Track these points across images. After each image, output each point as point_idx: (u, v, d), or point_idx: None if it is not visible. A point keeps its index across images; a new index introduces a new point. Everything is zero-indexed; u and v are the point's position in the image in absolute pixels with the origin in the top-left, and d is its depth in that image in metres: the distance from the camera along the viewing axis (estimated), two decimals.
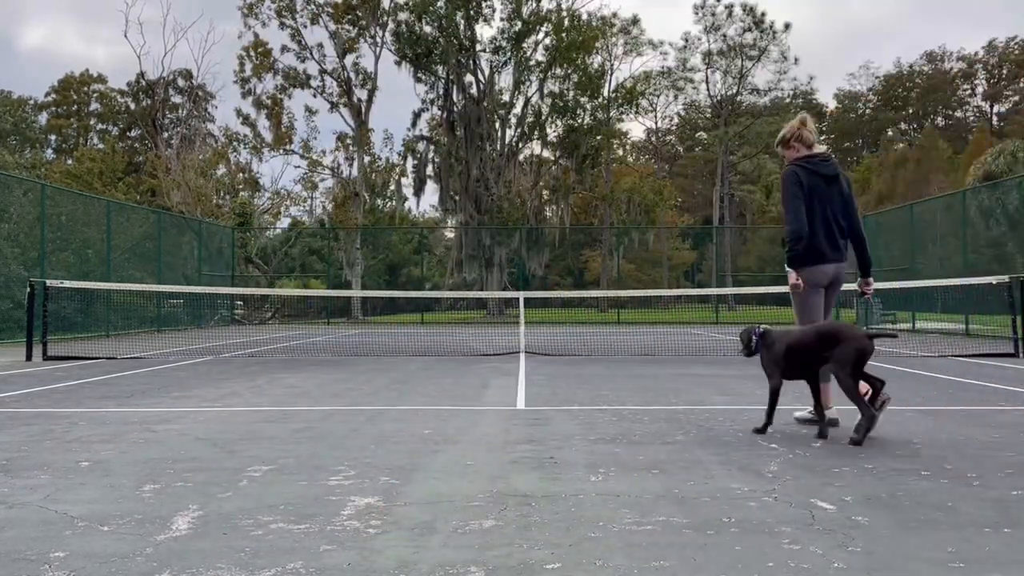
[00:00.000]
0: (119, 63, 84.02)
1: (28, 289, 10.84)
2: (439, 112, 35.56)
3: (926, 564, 2.42)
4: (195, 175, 32.47)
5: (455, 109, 34.38)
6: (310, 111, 37.60)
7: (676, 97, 55.93)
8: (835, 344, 4.39)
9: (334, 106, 36.32)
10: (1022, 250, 17.09)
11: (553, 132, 36.31)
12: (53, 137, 53.54)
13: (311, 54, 35.92)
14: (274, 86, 36.60)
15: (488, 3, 34.12)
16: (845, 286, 5.28)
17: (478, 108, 33.95)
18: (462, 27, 33.75)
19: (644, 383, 7.58)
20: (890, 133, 66.34)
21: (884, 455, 4.07)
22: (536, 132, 35.81)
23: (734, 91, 51.32)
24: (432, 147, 35.89)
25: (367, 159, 37.00)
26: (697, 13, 49.65)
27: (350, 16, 35.37)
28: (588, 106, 35.54)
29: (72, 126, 54.67)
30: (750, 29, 48.89)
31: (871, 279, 5.24)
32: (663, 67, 51.36)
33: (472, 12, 33.67)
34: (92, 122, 54.99)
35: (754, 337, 4.83)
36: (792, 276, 4.96)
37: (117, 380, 8.10)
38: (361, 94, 35.93)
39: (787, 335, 4.68)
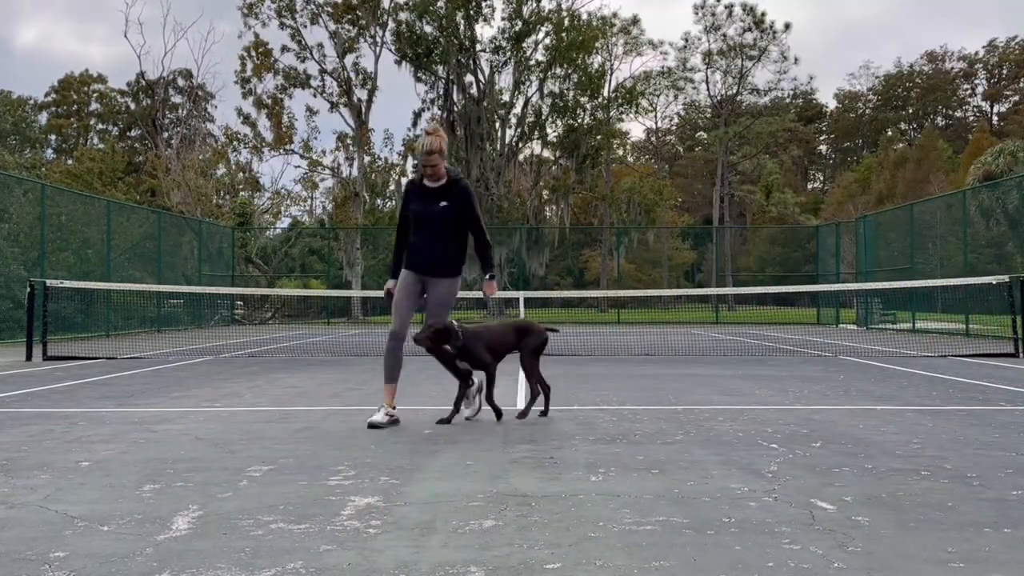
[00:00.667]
0: (116, 62, 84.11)
1: (28, 289, 10.83)
2: (439, 112, 35.55)
3: (926, 564, 2.42)
4: (195, 175, 32.48)
5: (455, 109, 34.38)
6: (310, 111, 37.63)
7: (676, 97, 56.06)
8: (528, 335, 5.31)
9: (334, 106, 36.34)
10: (1022, 250, 17.10)
11: (553, 132, 36.33)
12: (53, 137, 53.56)
13: (311, 54, 35.95)
14: (274, 86, 36.63)
15: (488, 3, 34.13)
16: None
17: (478, 108, 33.95)
18: (462, 27, 33.74)
19: (644, 383, 7.58)
20: (890, 133, 66.34)
21: (884, 455, 4.07)
22: (536, 132, 35.80)
23: (734, 91, 51.40)
24: None
25: (367, 159, 37.01)
26: (697, 13, 49.75)
27: (350, 16, 35.38)
28: (588, 106, 35.54)
29: (72, 126, 54.70)
30: (750, 29, 48.96)
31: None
32: (663, 67, 51.46)
33: (472, 12, 33.67)
34: (92, 122, 55.01)
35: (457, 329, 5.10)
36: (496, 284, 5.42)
37: (117, 380, 8.10)
38: (361, 94, 35.97)
39: (489, 330, 5.37)
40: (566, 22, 34.38)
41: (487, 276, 5.33)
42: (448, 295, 5.25)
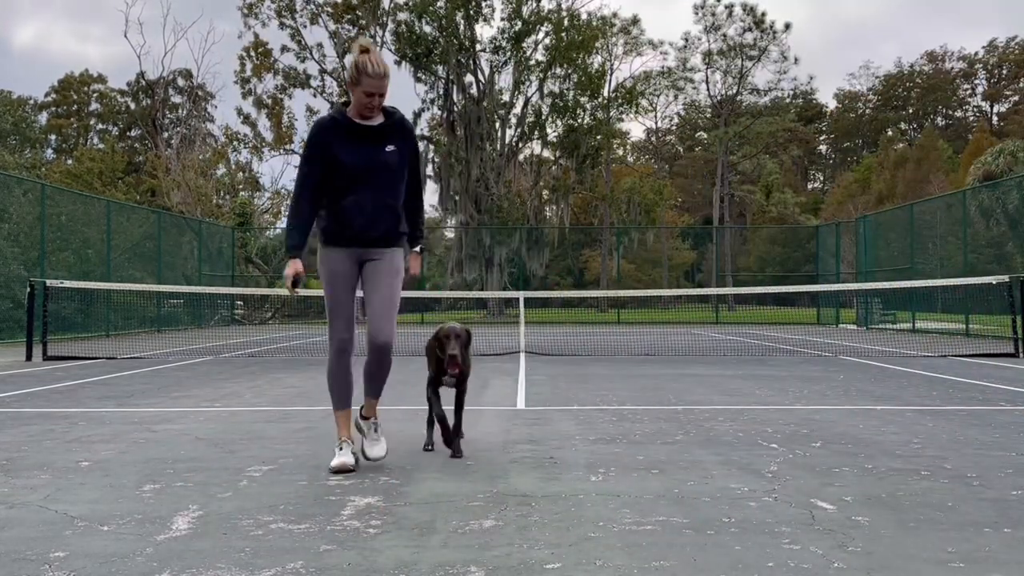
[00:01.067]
0: (115, 62, 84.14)
1: (28, 289, 10.83)
2: (439, 112, 35.59)
3: (926, 564, 2.42)
4: (195, 175, 32.49)
5: (455, 109, 34.39)
6: (310, 111, 37.63)
7: (676, 97, 56.09)
8: None
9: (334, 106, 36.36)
10: (1022, 250, 17.11)
11: (553, 132, 36.35)
12: (53, 137, 53.59)
13: (311, 54, 35.98)
14: (274, 86, 36.65)
15: (488, 3, 34.14)
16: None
17: (478, 108, 33.96)
18: (462, 27, 33.76)
19: (644, 383, 7.58)
20: (890, 133, 66.36)
21: (884, 455, 4.07)
22: (536, 132, 35.82)
23: (734, 91, 51.41)
24: (432, 147, 35.91)
25: None
26: (697, 13, 49.77)
27: (350, 16, 35.41)
28: (588, 106, 35.56)
29: (72, 126, 54.73)
30: (750, 29, 48.99)
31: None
32: (663, 67, 51.46)
33: (472, 12, 33.68)
34: (92, 122, 55.05)
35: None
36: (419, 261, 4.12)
37: (117, 380, 8.10)
38: None
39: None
40: (566, 22, 34.39)
41: (417, 248, 4.07)
42: (398, 270, 3.94)
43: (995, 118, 66.03)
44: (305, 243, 3.83)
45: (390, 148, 3.82)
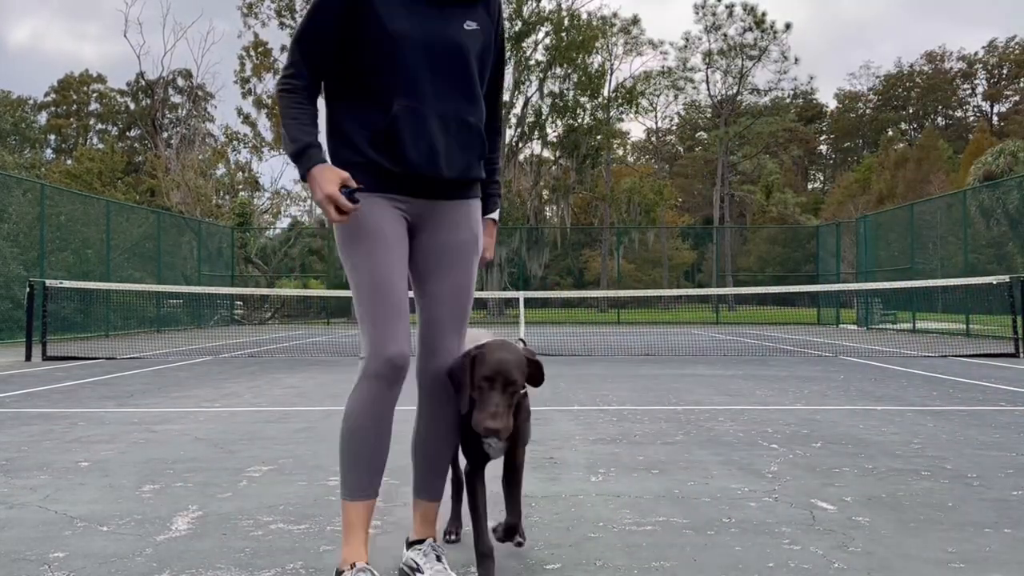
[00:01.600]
0: (112, 61, 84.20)
1: (28, 289, 10.83)
2: None
3: (926, 564, 2.42)
4: (195, 175, 32.50)
5: None
6: None
7: (676, 97, 56.13)
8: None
9: None
10: (1022, 250, 17.11)
11: (553, 132, 36.37)
12: (53, 137, 53.61)
13: None
14: (274, 86, 36.72)
15: None
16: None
17: None
18: None
19: (644, 383, 7.58)
20: (890, 133, 66.36)
21: (884, 455, 4.07)
22: (536, 132, 35.84)
23: (734, 91, 51.45)
24: None
25: None
26: (697, 13, 49.82)
27: None
28: (588, 106, 35.59)
29: (72, 126, 54.75)
30: (750, 29, 49.04)
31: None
32: (663, 67, 51.52)
33: None
34: (92, 122, 55.07)
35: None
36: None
37: (117, 380, 8.10)
38: None
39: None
40: (566, 22, 34.42)
41: (493, 215, 2.46)
42: (478, 242, 2.31)
43: (995, 118, 66.05)
44: (317, 137, 2.20)
45: (471, 25, 2.19)
